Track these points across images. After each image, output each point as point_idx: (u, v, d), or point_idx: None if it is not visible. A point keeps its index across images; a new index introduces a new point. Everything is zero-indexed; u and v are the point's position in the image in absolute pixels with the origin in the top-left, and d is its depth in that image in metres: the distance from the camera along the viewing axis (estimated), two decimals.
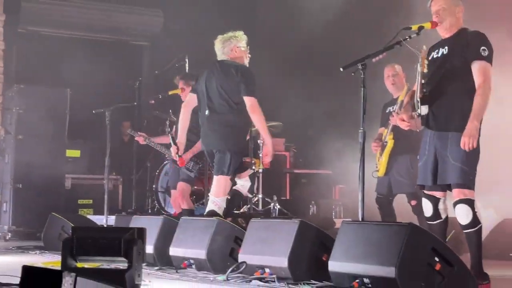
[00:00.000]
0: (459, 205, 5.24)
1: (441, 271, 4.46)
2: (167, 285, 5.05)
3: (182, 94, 8.66)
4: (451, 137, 5.27)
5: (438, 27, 5.43)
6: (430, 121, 5.40)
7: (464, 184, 5.23)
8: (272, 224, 5.70)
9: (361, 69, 5.25)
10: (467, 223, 5.23)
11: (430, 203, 5.44)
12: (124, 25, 13.20)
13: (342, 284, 4.73)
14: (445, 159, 5.29)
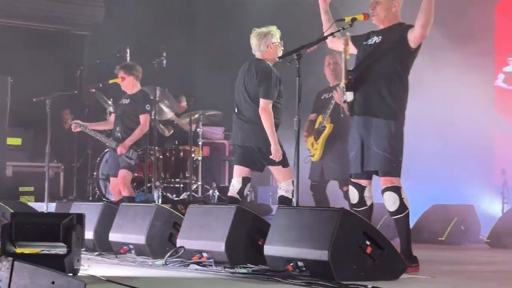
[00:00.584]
0: (386, 193, 5.28)
1: (372, 254, 4.49)
2: (107, 270, 5.00)
3: (122, 83, 8.59)
4: (374, 124, 5.28)
5: (374, 19, 5.44)
6: (355, 107, 5.38)
7: (388, 171, 5.25)
8: (210, 210, 5.69)
9: (296, 59, 5.26)
10: (395, 209, 5.26)
11: (356, 190, 5.45)
12: (66, 14, 13.06)
13: (277, 267, 4.74)
14: (369, 147, 5.30)
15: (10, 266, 2.93)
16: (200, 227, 5.50)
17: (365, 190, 5.43)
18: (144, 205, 6.63)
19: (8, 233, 4.59)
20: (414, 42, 5.23)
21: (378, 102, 5.28)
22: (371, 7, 5.42)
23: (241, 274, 4.78)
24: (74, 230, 4.53)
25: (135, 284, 4.10)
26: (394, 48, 5.29)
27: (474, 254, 7.14)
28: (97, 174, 10.64)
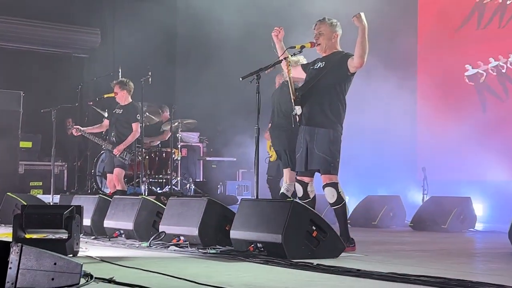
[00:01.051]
0: (326, 188, 5.28)
1: (317, 237, 4.52)
2: (101, 251, 4.95)
3: (117, 96, 8.55)
4: (317, 132, 5.28)
5: (317, 48, 5.45)
6: (303, 118, 5.38)
7: (328, 170, 5.25)
8: (186, 201, 5.67)
9: (256, 79, 5.27)
10: (333, 201, 5.27)
11: (301, 186, 5.42)
12: (68, 40, 12.92)
13: (240, 248, 4.74)
14: (312, 151, 5.30)
15: (19, 250, 2.88)
16: (178, 215, 5.48)
17: (308, 185, 5.41)
18: (133, 197, 6.59)
19: (19, 221, 4.56)
20: (353, 69, 5.26)
21: (320, 115, 5.28)
22: (315, 38, 5.43)
23: (211, 254, 4.78)
24: (74, 219, 4.51)
25: (123, 263, 4.08)
26: (334, 72, 5.30)
27: (400, 236, 7.19)
28: (95, 171, 10.56)
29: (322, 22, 5.39)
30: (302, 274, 3.76)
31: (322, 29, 5.39)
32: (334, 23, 5.39)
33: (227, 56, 11.51)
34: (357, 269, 3.77)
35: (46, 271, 2.94)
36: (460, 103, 9.99)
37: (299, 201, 4.71)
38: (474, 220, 7.91)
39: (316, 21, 5.43)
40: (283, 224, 4.43)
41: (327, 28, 5.37)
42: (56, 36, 12.76)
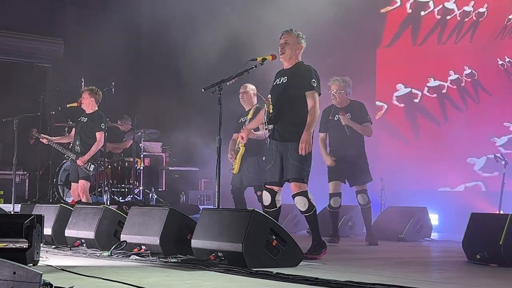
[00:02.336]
0: (297, 197, 5.34)
1: (277, 246, 4.53)
2: (62, 261, 4.89)
3: (84, 103, 8.48)
4: (290, 146, 5.36)
5: (281, 57, 5.49)
6: (275, 135, 5.46)
7: (299, 178, 5.31)
8: (148, 211, 5.62)
9: (218, 90, 5.28)
10: (305, 209, 5.34)
11: (270, 194, 5.46)
12: (31, 50, 12.76)
13: (201, 257, 4.73)
14: (286, 161, 5.37)
15: None
16: (139, 225, 5.43)
17: (276, 195, 5.45)
18: (94, 207, 6.50)
19: None
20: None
21: (291, 130, 5.37)
22: (281, 46, 5.48)
23: (172, 263, 4.75)
24: (34, 228, 4.43)
25: (84, 272, 4.03)
26: (298, 83, 5.39)
27: (358, 245, 7.24)
28: (57, 180, 10.41)
29: (289, 33, 5.49)
30: (261, 283, 3.76)
31: (288, 38, 5.47)
32: (301, 35, 5.47)
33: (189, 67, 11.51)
34: (315, 277, 3.78)
35: (5, 280, 2.89)
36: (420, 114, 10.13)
37: (259, 211, 4.71)
38: (430, 230, 8.02)
39: (283, 31, 5.49)
40: (244, 233, 4.43)
41: (294, 38, 5.45)
42: (19, 45, 12.59)
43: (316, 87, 5.38)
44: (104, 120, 8.51)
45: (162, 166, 11.74)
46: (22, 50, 12.65)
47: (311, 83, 5.35)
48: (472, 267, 4.93)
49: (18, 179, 9.98)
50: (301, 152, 5.25)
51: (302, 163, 5.32)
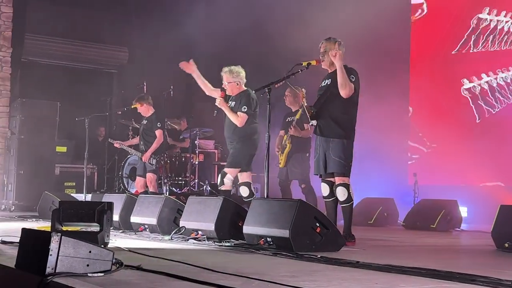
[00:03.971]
0: (338, 188, 5.31)
1: (320, 232, 4.52)
2: (129, 243, 4.97)
3: (140, 109, 8.66)
4: (332, 142, 5.33)
5: (322, 64, 5.47)
6: (318, 130, 5.44)
7: (341, 172, 5.29)
8: (204, 200, 5.69)
9: (267, 92, 5.30)
10: (343, 200, 5.29)
11: (328, 185, 5.41)
12: (100, 57, 13.01)
13: (252, 241, 4.76)
14: (329, 156, 5.34)
15: (59, 239, 2.91)
16: (196, 212, 5.49)
17: (334, 185, 5.40)
18: (156, 196, 6.61)
19: (57, 215, 4.58)
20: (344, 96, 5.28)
21: (332, 127, 5.33)
22: (321, 55, 5.46)
23: (226, 246, 4.79)
24: (105, 214, 4.52)
25: (148, 253, 4.10)
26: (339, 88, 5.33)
27: (394, 234, 7.17)
28: (122, 173, 10.60)
29: (328, 41, 5.44)
30: (307, 265, 3.76)
31: (326, 47, 5.42)
32: (338, 42, 5.43)
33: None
34: (356, 260, 3.77)
35: (82, 258, 2.97)
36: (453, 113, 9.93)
37: (304, 201, 4.72)
38: (460, 221, 7.88)
39: (322, 40, 5.47)
40: (291, 221, 4.44)
41: (332, 45, 5.40)
42: (89, 53, 12.86)
43: (354, 82, 5.31)
44: (160, 120, 8.65)
45: (215, 161, 11.82)
46: (92, 58, 12.92)
47: (349, 78, 5.29)
48: (501, 254, 4.84)
49: (88, 172, 10.18)
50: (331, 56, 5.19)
51: (343, 158, 5.28)
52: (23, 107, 10.54)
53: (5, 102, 11.36)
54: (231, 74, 6.52)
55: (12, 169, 10.41)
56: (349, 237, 5.17)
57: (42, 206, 8.31)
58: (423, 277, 3.25)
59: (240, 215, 5.23)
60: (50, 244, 2.88)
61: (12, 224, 7.16)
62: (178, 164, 10.44)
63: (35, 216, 8.23)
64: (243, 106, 6.38)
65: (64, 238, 2.92)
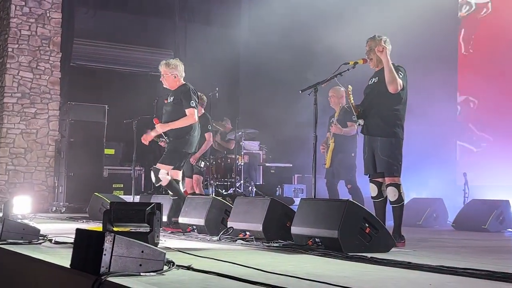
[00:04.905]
0: (389, 187, 5.24)
1: (369, 233, 4.47)
2: (178, 243, 5.03)
3: None
4: (380, 141, 5.26)
5: (369, 62, 5.42)
6: (365, 130, 5.38)
7: (390, 172, 5.22)
8: (251, 201, 5.70)
9: (314, 92, 5.27)
10: (394, 200, 5.22)
11: (376, 186, 5.36)
12: (146, 61, 13.21)
13: (300, 242, 4.74)
14: (377, 156, 5.28)
15: (112, 239, 2.95)
16: (244, 213, 5.51)
17: (382, 185, 5.35)
18: (204, 197, 6.65)
19: (108, 216, 4.66)
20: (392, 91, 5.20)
21: (380, 126, 5.26)
22: (367, 53, 5.41)
23: (274, 247, 4.78)
24: (155, 214, 4.57)
25: (197, 253, 4.13)
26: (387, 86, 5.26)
27: (444, 235, 7.05)
28: None
29: (373, 39, 5.37)
30: (357, 266, 3.73)
31: (371, 45, 5.36)
32: (384, 39, 5.35)
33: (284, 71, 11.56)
34: (407, 262, 3.71)
35: (135, 258, 3.01)
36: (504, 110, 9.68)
37: (352, 201, 4.67)
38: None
39: (368, 39, 5.41)
40: (339, 221, 4.40)
41: (377, 43, 5.34)
42: (135, 57, 13.07)
43: (402, 78, 5.22)
44: (210, 122, 8.65)
45: (260, 163, 11.85)
46: (138, 61, 13.12)
47: (397, 74, 5.22)
48: None
49: (136, 174, 10.34)
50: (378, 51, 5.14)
51: (392, 157, 5.20)
52: (73, 111, 10.78)
53: (55, 106, 11.64)
54: (168, 67, 6.53)
55: (63, 171, 10.65)
56: (399, 238, 5.09)
57: (92, 207, 8.46)
58: (477, 278, 3.18)
59: (288, 215, 5.22)
60: (104, 244, 2.92)
61: (64, 225, 7.32)
62: (224, 166, 10.50)
63: (85, 218, 8.40)
64: (190, 101, 6.35)
65: (117, 237, 2.96)
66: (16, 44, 11.40)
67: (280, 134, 12.31)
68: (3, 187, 11.08)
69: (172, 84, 6.55)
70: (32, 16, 11.53)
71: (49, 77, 11.65)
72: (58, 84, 11.74)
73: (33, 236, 4.67)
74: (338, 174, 7.51)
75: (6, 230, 4.51)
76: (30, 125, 11.38)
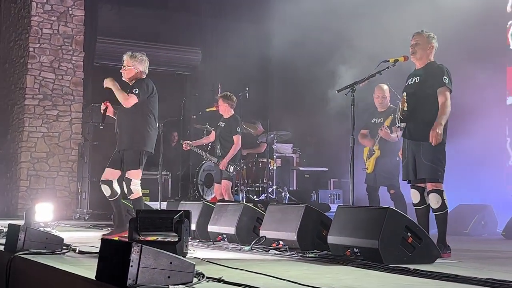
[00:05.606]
0: (431, 194, 5.20)
1: (412, 243, 4.43)
2: (207, 253, 5.04)
3: (220, 108, 8.61)
4: (423, 145, 5.23)
5: (412, 57, 5.38)
6: (407, 133, 5.36)
7: (434, 178, 5.18)
8: (285, 208, 5.70)
9: (351, 92, 5.26)
10: (437, 207, 5.18)
11: (418, 192, 5.32)
12: (173, 60, 13.31)
13: (338, 252, 4.71)
14: (420, 161, 5.24)
15: (139, 250, 2.98)
16: (277, 221, 5.50)
17: (424, 191, 5.31)
18: (234, 204, 6.67)
19: (134, 225, 4.70)
20: None
21: (423, 129, 5.21)
22: (412, 47, 5.37)
23: (310, 257, 4.76)
24: (183, 223, 4.59)
25: (228, 264, 4.14)
26: (430, 82, 5.23)
27: (493, 244, 6.94)
28: (197, 180, 10.75)
29: (419, 34, 5.36)
30: (399, 278, 3.69)
31: (419, 39, 5.35)
32: (431, 36, 5.33)
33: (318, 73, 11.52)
34: (454, 274, 3.67)
35: (163, 269, 3.03)
36: None
37: (394, 208, 4.64)
38: None
39: (414, 33, 5.38)
40: (380, 230, 4.37)
41: (424, 39, 5.32)
42: (161, 55, 13.15)
43: (448, 84, 5.21)
44: (240, 124, 8.62)
45: (293, 167, 11.83)
46: (164, 60, 13.21)
47: (442, 80, 5.20)
48: None
49: (162, 179, 10.41)
50: (431, 141, 5.10)
51: (435, 162, 5.17)
52: (96, 113, 10.88)
53: (78, 108, 11.79)
54: (132, 58, 6.58)
55: (86, 176, 10.77)
56: (443, 248, 5.03)
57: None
58: None
59: (324, 223, 5.21)
60: (130, 255, 2.95)
61: (88, 234, 7.42)
62: (255, 170, 10.51)
63: (110, 225, 8.48)
64: (134, 88, 6.42)
65: (144, 248, 2.98)
66: (37, 44, 11.59)
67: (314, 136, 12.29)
68: (24, 193, 11.28)
69: (131, 78, 6.59)
70: (54, 14, 11.71)
71: (72, 77, 11.82)
72: (81, 84, 11.88)
73: (56, 246, 4.74)
74: (380, 180, 7.46)
75: (28, 239, 4.58)
76: (52, 128, 11.55)
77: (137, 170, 6.48)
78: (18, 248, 4.53)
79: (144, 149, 6.47)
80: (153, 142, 6.58)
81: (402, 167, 5.43)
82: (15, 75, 12.07)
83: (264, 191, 10.28)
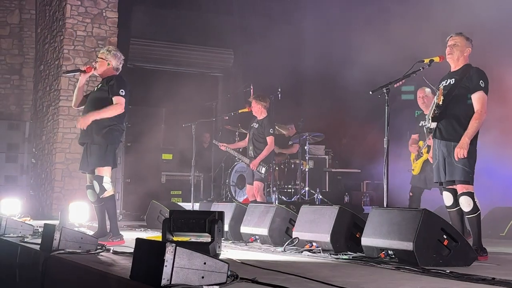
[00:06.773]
0: (462, 197, 5.14)
1: (448, 245, 4.38)
2: (240, 254, 5.05)
3: (253, 109, 8.59)
4: (453, 146, 5.17)
5: (448, 58, 5.32)
6: (438, 133, 5.30)
7: (465, 180, 5.12)
8: (318, 209, 5.67)
9: (386, 92, 5.21)
10: (469, 210, 5.12)
11: (451, 194, 5.28)
12: (205, 61, 13.37)
13: (372, 254, 4.69)
14: (451, 162, 5.18)
15: (174, 250, 3.00)
16: (310, 223, 5.50)
17: (457, 193, 5.25)
18: (267, 205, 6.66)
19: (168, 225, 4.72)
20: None
21: (456, 131, 5.17)
22: (449, 47, 5.31)
23: (344, 259, 4.75)
24: (216, 223, 4.60)
25: (262, 265, 4.14)
26: (466, 85, 5.18)
27: None
28: (229, 181, 10.78)
29: (459, 35, 5.32)
30: (435, 281, 3.65)
31: (457, 40, 5.30)
32: (470, 39, 5.27)
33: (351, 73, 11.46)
34: (492, 277, 3.61)
35: (197, 269, 3.04)
36: None
37: (429, 210, 4.59)
38: None
39: (452, 34, 5.33)
40: (415, 232, 4.33)
41: (463, 41, 5.27)
42: (194, 57, 13.24)
43: (484, 88, 5.15)
44: (273, 125, 8.62)
45: (326, 168, 11.78)
46: (196, 62, 13.30)
47: (479, 83, 5.14)
48: None
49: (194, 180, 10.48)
50: (456, 157, 5.06)
51: (467, 164, 5.11)
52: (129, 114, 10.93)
53: None
54: (107, 52, 6.36)
55: (119, 177, 10.89)
56: (480, 251, 4.96)
57: (150, 215, 8.62)
58: None
59: (358, 225, 5.18)
60: (164, 255, 2.97)
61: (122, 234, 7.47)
62: (287, 171, 10.50)
63: (143, 226, 8.56)
64: (120, 89, 6.01)
65: (179, 248, 3.00)
66: (71, 46, 11.74)
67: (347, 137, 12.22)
68: (59, 194, 11.43)
69: (103, 72, 6.29)
70: (88, 16, 11.85)
71: None
72: None
73: (91, 246, 4.80)
74: (431, 181, 7.39)
75: (64, 239, 4.65)
76: None
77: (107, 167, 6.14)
78: (54, 247, 4.59)
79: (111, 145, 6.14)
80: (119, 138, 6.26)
81: (434, 169, 5.36)
82: (50, 77, 12.25)
83: (297, 193, 10.26)
